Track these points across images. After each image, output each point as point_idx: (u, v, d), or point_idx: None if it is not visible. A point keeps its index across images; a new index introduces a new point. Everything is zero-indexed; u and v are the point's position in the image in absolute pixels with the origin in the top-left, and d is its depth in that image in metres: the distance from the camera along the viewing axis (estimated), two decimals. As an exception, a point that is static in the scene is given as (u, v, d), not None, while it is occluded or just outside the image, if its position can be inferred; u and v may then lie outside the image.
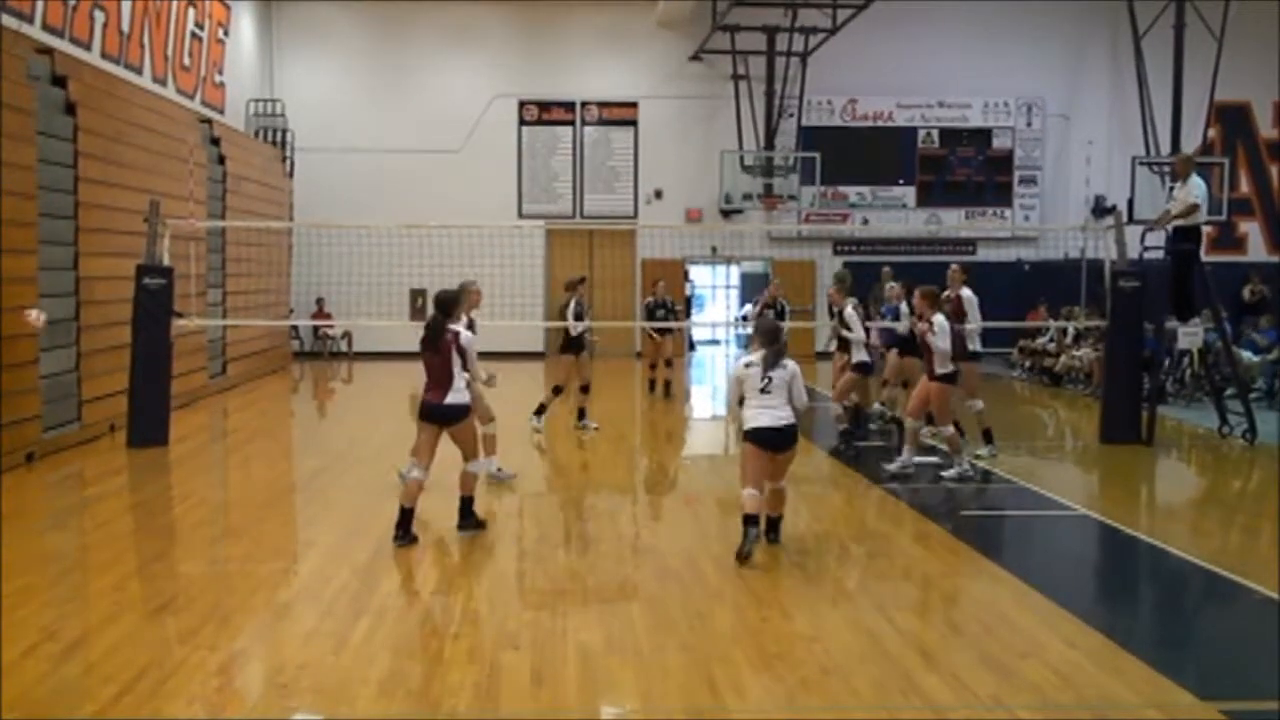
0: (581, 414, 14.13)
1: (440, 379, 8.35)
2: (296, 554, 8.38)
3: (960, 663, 5.86)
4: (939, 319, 10.79)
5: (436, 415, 8.38)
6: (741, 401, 8.20)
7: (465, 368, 8.44)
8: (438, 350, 8.34)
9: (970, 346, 12.28)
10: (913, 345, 12.27)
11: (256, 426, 16.06)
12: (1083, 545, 9.12)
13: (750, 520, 7.87)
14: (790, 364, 8.14)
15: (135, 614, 6.69)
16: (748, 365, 8.14)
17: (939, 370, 10.82)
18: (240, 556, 8.19)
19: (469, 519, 8.66)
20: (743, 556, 7.76)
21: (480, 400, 9.94)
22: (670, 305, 17.38)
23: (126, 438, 12.59)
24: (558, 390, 13.91)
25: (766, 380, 8.00)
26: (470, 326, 9.30)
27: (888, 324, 13.65)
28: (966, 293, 12.53)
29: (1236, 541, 9.32)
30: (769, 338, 8.24)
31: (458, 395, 8.37)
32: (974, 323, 12.42)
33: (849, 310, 12.57)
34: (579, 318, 13.75)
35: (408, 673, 5.68)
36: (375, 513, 9.40)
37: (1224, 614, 7.32)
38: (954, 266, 13.02)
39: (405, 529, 8.24)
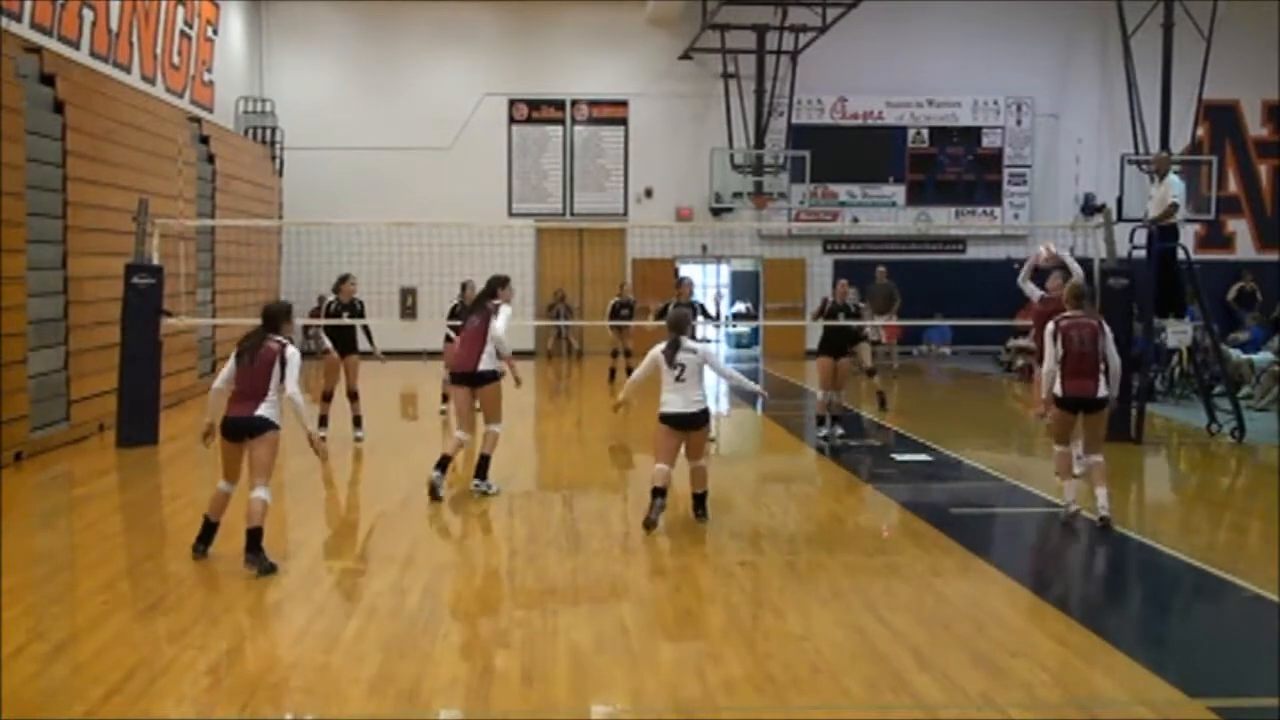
0: None
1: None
2: (286, 553, 8.35)
3: (950, 661, 5.87)
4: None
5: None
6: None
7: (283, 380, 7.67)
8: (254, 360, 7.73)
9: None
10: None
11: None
12: (1072, 543, 9.14)
13: (657, 492, 8.64)
14: (698, 348, 8.84)
15: (124, 614, 6.67)
16: (662, 351, 8.82)
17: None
18: (230, 556, 8.16)
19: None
20: (648, 524, 8.58)
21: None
22: (633, 304, 19.32)
23: (115, 437, 12.55)
24: None
25: (679, 369, 8.70)
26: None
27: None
28: None
29: (1225, 539, 9.35)
30: (673, 328, 8.92)
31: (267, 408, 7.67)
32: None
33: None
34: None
35: (398, 672, 5.67)
36: (365, 512, 9.40)
37: (1213, 611, 7.34)
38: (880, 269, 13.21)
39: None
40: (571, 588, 7.32)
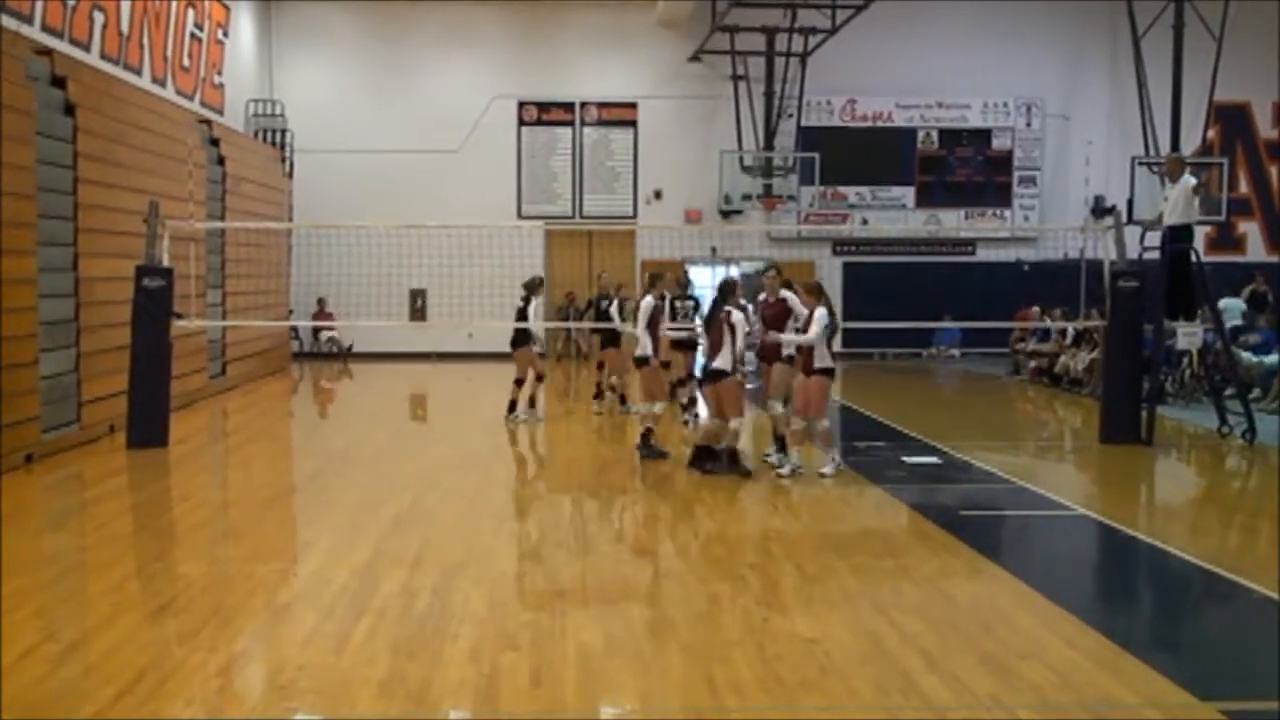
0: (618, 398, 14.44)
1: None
2: (296, 555, 8.38)
3: (960, 663, 5.86)
4: (820, 311, 10.63)
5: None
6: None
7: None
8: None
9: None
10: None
11: (256, 427, 16.06)
12: (1082, 545, 9.12)
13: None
14: (735, 314, 10.62)
15: (134, 615, 6.69)
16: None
17: (819, 365, 10.79)
18: (240, 557, 8.19)
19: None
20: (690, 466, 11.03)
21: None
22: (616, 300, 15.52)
23: (126, 439, 12.58)
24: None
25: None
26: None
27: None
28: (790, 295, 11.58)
29: (1235, 541, 9.32)
30: (724, 291, 10.81)
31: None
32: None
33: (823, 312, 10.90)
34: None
35: (407, 673, 5.68)
36: (375, 513, 9.41)
37: (1223, 614, 7.32)
38: (770, 272, 11.95)
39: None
40: (580, 589, 7.32)
